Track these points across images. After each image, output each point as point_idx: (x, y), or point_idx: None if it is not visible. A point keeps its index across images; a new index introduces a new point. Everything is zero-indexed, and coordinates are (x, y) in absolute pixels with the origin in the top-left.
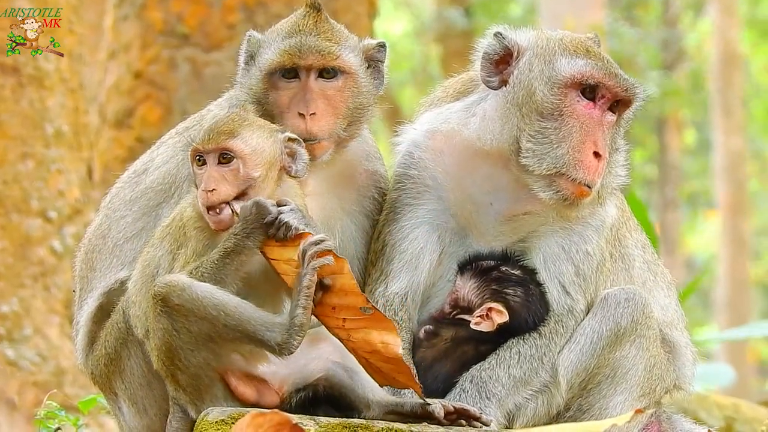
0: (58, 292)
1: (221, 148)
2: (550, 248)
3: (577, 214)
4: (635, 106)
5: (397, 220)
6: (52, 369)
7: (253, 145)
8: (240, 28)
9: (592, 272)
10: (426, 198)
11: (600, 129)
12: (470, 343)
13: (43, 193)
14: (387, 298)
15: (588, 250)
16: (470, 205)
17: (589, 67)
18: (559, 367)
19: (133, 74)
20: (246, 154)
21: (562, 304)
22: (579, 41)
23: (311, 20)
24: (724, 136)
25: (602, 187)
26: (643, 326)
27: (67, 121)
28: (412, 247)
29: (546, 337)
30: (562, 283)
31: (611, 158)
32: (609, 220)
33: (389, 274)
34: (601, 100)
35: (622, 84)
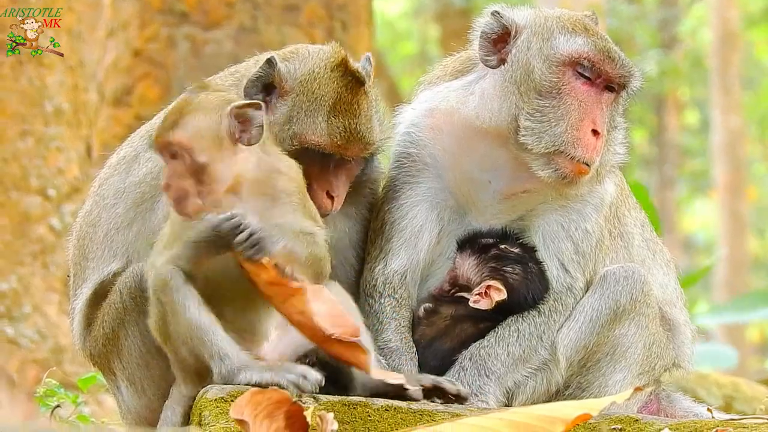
0: (57, 269)
1: (165, 144)
2: (549, 226)
3: (575, 192)
4: (634, 86)
5: (396, 198)
6: (51, 346)
7: (193, 129)
8: (238, 6)
9: (591, 250)
10: (425, 176)
11: (598, 107)
12: (469, 321)
13: (42, 171)
14: (386, 276)
15: (587, 227)
16: (469, 184)
17: (587, 45)
18: (558, 345)
19: (132, 52)
20: (186, 143)
21: (561, 281)
22: (577, 19)
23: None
24: (723, 114)
25: (600, 165)
26: (642, 304)
27: (66, 99)
28: (411, 225)
29: (545, 315)
30: (561, 261)
31: (609, 136)
32: (608, 198)
33: (389, 252)
34: (599, 79)
35: (620, 63)
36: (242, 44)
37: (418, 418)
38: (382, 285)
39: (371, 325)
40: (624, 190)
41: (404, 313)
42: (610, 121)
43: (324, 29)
